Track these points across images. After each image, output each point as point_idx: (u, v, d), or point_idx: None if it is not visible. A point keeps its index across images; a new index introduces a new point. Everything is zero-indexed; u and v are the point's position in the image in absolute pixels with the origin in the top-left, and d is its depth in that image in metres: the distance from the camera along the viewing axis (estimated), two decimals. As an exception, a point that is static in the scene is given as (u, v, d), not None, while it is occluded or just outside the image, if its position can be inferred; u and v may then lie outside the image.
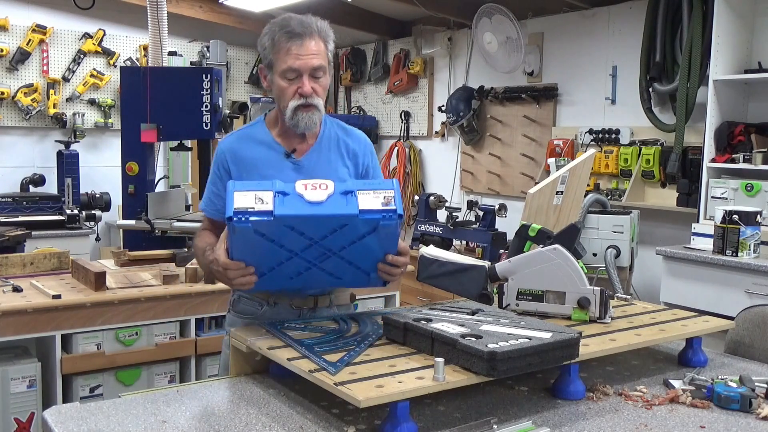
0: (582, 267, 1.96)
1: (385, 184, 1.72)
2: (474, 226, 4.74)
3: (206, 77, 4.28)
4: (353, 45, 6.73)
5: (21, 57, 5.55)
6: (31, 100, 5.59)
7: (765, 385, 1.70)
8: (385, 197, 1.67)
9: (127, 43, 6.03)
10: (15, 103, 5.57)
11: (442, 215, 4.99)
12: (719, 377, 1.74)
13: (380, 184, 1.72)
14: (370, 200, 1.66)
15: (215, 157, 2.08)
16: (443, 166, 6.03)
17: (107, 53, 5.91)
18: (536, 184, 2.87)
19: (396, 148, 6.28)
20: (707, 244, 3.65)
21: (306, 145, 2.06)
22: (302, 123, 1.97)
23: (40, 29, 5.60)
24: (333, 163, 2.07)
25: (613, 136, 4.59)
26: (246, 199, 1.61)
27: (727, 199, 3.78)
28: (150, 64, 4.80)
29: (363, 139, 2.15)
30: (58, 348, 2.79)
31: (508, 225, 4.36)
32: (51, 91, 5.66)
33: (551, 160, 4.55)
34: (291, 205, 1.63)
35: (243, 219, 1.60)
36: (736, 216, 3.48)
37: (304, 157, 2.04)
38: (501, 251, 4.11)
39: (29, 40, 5.56)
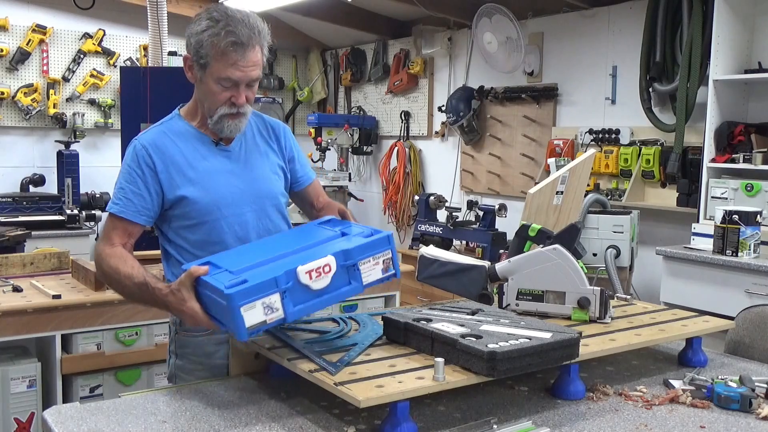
0: (582, 267, 1.96)
1: (381, 243, 1.64)
2: (474, 226, 4.74)
3: (206, 77, 4.28)
4: (353, 45, 6.73)
5: (21, 57, 5.54)
6: (31, 100, 5.59)
7: (765, 385, 1.70)
8: (384, 261, 1.64)
9: (127, 43, 6.02)
10: (15, 103, 5.56)
11: (442, 215, 4.99)
12: (719, 377, 1.74)
13: (377, 243, 1.64)
14: (371, 270, 1.63)
15: (132, 155, 1.90)
16: (443, 166, 6.03)
17: (107, 53, 5.90)
18: (536, 184, 2.87)
19: (396, 148, 6.28)
20: (707, 244, 3.65)
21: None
22: (227, 129, 1.90)
23: (40, 29, 5.60)
24: (261, 147, 2.04)
25: (613, 136, 4.59)
26: (255, 313, 1.49)
27: (727, 199, 3.78)
28: (150, 64, 4.81)
29: (279, 124, 2.13)
30: (58, 348, 2.79)
31: (508, 225, 4.36)
32: (51, 91, 5.66)
33: (551, 160, 4.55)
34: (299, 300, 1.54)
35: (258, 333, 1.55)
36: (736, 216, 3.48)
37: (233, 144, 1.98)
38: (501, 251, 4.12)
39: (29, 40, 5.56)
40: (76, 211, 5.13)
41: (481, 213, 4.68)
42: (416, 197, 5.23)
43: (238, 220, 1.94)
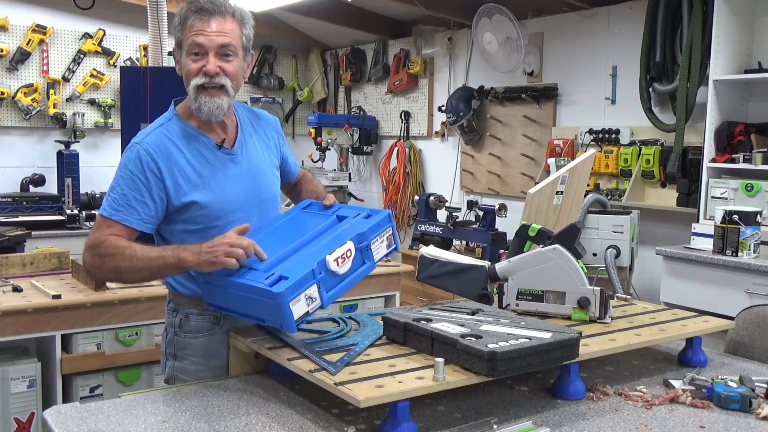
0: (582, 267, 1.96)
1: (383, 222, 1.80)
2: (474, 226, 4.74)
3: (206, 77, 4.27)
4: (353, 45, 6.73)
5: (21, 57, 5.54)
6: (31, 100, 5.59)
7: (765, 385, 1.70)
8: (387, 238, 1.79)
9: (127, 43, 6.02)
10: (15, 103, 5.56)
11: (442, 215, 4.99)
12: (719, 377, 1.74)
13: (381, 222, 1.80)
14: (379, 248, 1.78)
15: (134, 161, 1.83)
16: (443, 166, 6.03)
17: (107, 53, 5.90)
18: (536, 184, 2.87)
19: (396, 148, 6.27)
20: (707, 244, 3.65)
21: (230, 133, 1.97)
22: (205, 108, 1.84)
23: (40, 29, 5.60)
24: (259, 148, 2.03)
25: (613, 136, 4.59)
26: (300, 306, 1.59)
27: (727, 199, 3.78)
28: (150, 64, 4.80)
29: (270, 118, 2.14)
30: (58, 348, 2.79)
31: (508, 225, 4.36)
32: (51, 91, 5.66)
33: (551, 160, 4.54)
34: (330, 286, 1.66)
35: (302, 323, 1.64)
36: (736, 216, 3.48)
37: (235, 148, 1.95)
38: (501, 251, 4.12)
39: (29, 40, 5.55)
40: (76, 211, 5.13)
41: (481, 213, 4.68)
42: (416, 197, 5.22)
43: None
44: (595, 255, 3.91)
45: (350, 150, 6.52)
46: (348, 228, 1.77)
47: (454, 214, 4.79)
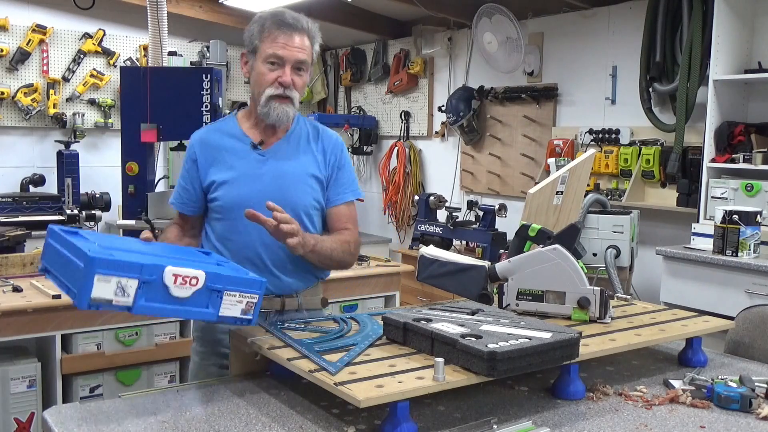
0: (582, 267, 1.96)
1: (253, 285, 1.62)
2: (474, 226, 4.75)
3: (206, 77, 4.28)
4: (353, 45, 6.73)
5: (21, 57, 5.54)
6: (31, 100, 5.59)
7: (765, 385, 1.70)
8: (247, 303, 1.61)
9: (127, 43, 6.03)
10: (15, 103, 5.56)
11: (442, 215, 4.99)
12: (719, 377, 1.74)
13: (250, 282, 1.61)
14: (232, 305, 1.59)
15: (186, 152, 2.10)
16: (443, 166, 6.03)
17: (107, 53, 5.90)
18: (536, 184, 2.87)
19: (396, 148, 6.28)
20: (707, 244, 3.65)
21: (275, 138, 2.07)
22: (274, 113, 1.98)
23: (40, 29, 5.60)
24: (300, 154, 2.06)
25: (613, 136, 4.59)
26: (106, 288, 1.43)
27: (727, 199, 3.78)
28: (150, 64, 4.80)
29: (334, 136, 2.14)
30: (58, 348, 2.79)
31: (508, 225, 4.36)
32: (51, 91, 5.66)
33: (551, 160, 4.54)
34: (153, 298, 1.50)
35: (95, 309, 1.47)
36: (736, 216, 3.48)
37: (270, 148, 2.05)
38: (501, 251, 4.12)
39: (29, 40, 5.56)
40: (76, 211, 5.12)
41: (481, 213, 4.69)
42: (416, 197, 5.23)
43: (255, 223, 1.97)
44: (595, 255, 3.92)
45: (350, 150, 6.52)
46: (214, 264, 1.67)
47: (454, 214, 4.79)
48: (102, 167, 5.83)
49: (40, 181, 5.54)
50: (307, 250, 1.89)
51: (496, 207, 4.54)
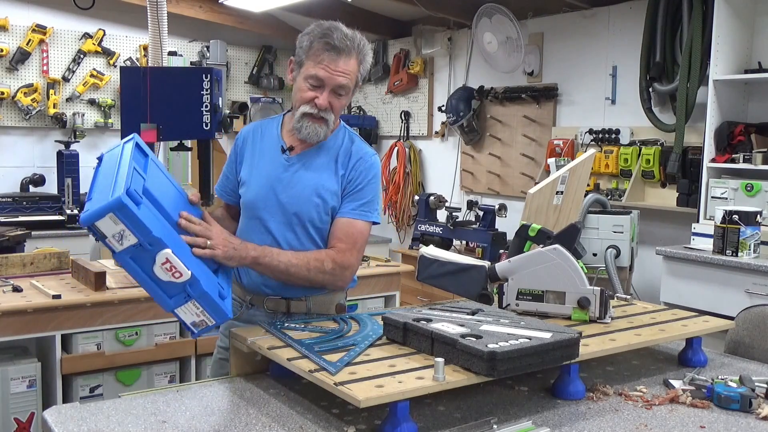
0: (582, 267, 1.96)
1: (218, 313, 1.62)
2: (474, 226, 4.74)
3: (206, 77, 4.26)
4: (353, 45, 6.72)
5: (21, 57, 5.54)
6: (31, 100, 5.58)
7: (765, 385, 1.70)
8: (201, 321, 1.62)
9: (127, 43, 6.02)
10: (15, 103, 5.56)
11: (442, 215, 4.99)
12: (719, 377, 1.74)
13: (216, 309, 1.62)
14: (190, 312, 1.61)
15: (234, 141, 2.16)
16: (443, 166, 6.03)
17: (107, 53, 5.90)
18: (536, 184, 2.87)
19: (396, 148, 6.28)
20: (707, 244, 3.65)
21: (306, 146, 2.05)
22: (305, 131, 1.98)
23: (40, 29, 5.59)
24: (323, 168, 2.01)
25: (613, 136, 4.59)
26: (111, 227, 1.50)
27: (727, 199, 3.78)
28: (150, 64, 4.80)
29: (367, 156, 2.04)
30: (58, 348, 2.78)
31: (508, 225, 4.36)
32: (51, 91, 5.65)
33: (551, 160, 4.55)
34: (136, 259, 1.56)
35: (93, 232, 1.53)
36: (736, 216, 3.48)
37: (297, 155, 2.04)
38: (501, 251, 4.11)
39: (29, 40, 5.55)
40: (76, 211, 5.12)
41: (481, 213, 4.68)
42: (416, 197, 5.22)
43: (263, 225, 2.02)
44: (595, 255, 3.92)
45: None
46: (207, 271, 1.70)
47: (454, 214, 4.79)
48: (102, 167, 5.81)
49: (40, 181, 5.54)
50: (244, 262, 1.85)
51: (496, 207, 4.54)
